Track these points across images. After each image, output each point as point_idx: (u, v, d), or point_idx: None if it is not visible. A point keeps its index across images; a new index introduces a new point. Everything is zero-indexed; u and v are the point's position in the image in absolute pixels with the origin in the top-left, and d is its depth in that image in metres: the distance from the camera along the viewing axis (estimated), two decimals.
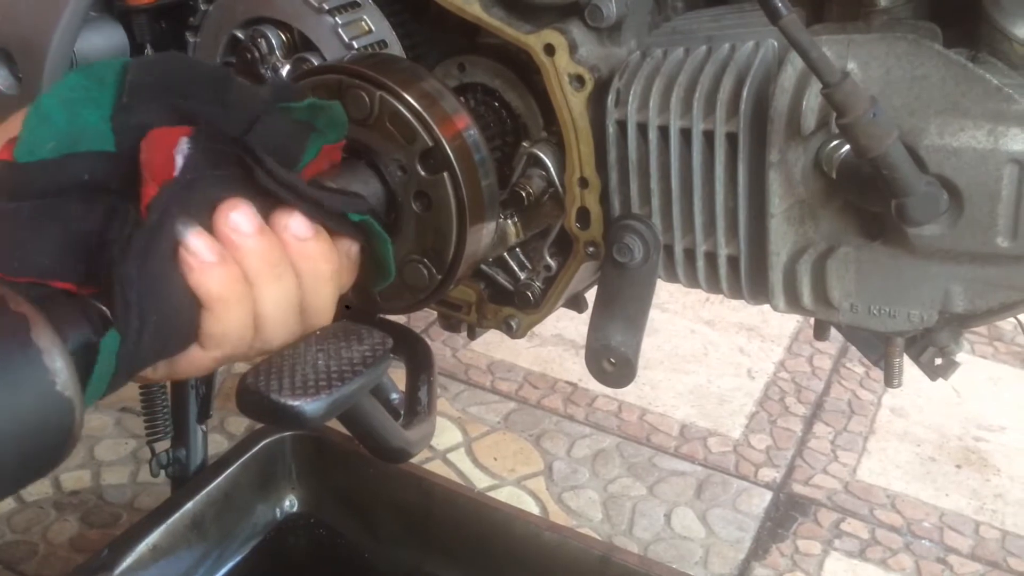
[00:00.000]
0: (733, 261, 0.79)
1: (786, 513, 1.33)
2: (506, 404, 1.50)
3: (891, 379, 0.81)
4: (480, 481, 1.36)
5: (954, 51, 0.70)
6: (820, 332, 0.87)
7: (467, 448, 1.42)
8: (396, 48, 0.87)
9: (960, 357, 1.66)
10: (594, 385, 1.51)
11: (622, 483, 1.37)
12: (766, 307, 0.81)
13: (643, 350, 1.62)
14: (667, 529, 1.30)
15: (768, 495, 1.36)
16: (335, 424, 0.70)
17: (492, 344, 1.60)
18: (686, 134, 0.76)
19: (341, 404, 0.64)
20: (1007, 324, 1.73)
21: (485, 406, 1.50)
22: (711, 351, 1.63)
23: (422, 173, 0.74)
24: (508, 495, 1.33)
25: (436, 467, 1.37)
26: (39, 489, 1.32)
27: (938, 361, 0.85)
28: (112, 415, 1.44)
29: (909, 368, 1.60)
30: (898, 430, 1.49)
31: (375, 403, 0.73)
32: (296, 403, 0.62)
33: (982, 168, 0.67)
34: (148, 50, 0.96)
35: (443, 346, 1.61)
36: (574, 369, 1.41)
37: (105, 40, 0.95)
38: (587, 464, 1.40)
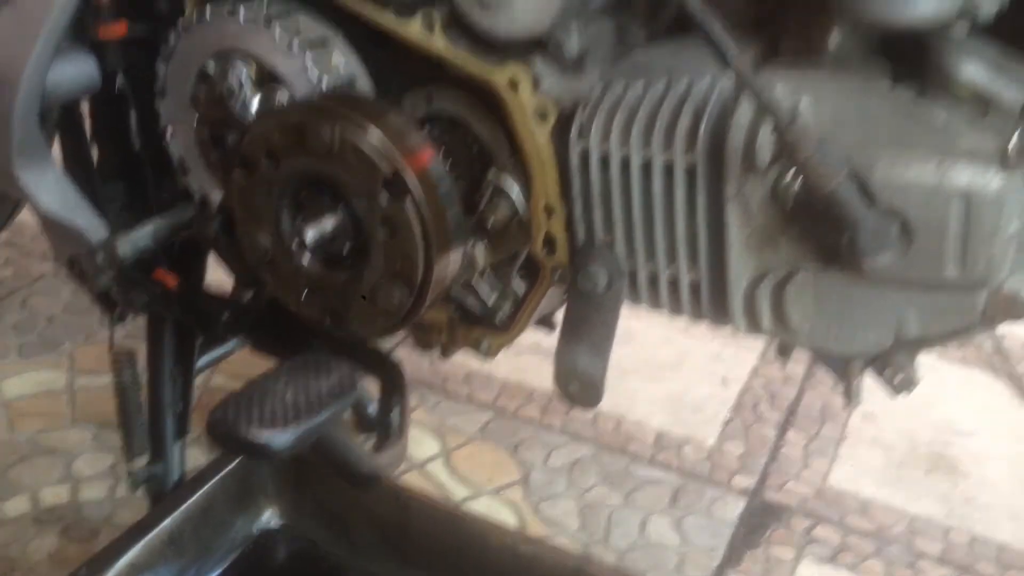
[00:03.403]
0: (695, 287, 0.81)
1: (760, 520, 1.35)
2: (483, 414, 1.52)
3: (851, 397, 0.83)
4: (458, 491, 1.38)
5: (902, 87, 0.72)
6: (783, 351, 0.89)
7: (445, 459, 1.44)
8: (364, 82, 0.88)
9: (929, 362, 1.69)
10: None
11: (598, 492, 1.39)
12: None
13: (619, 359, 1.64)
14: (642, 537, 1.32)
15: (742, 502, 1.38)
16: None
17: (469, 354, 1.62)
18: (647, 166, 0.78)
19: (308, 436, 0.66)
20: None
21: (463, 416, 1.51)
22: (686, 359, 1.65)
23: (385, 200, 0.76)
24: (486, 505, 1.35)
25: (414, 478, 1.39)
26: (17, 506, 1.33)
27: (899, 377, 0.87)
28: (90, 430, 1.45)
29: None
30: (869, 436, 1.51)
31: (344, 432, 0.75)
32: (264, 437, 0.64)
33: (930, 202, 0.70)
34: (119, 79, 0.97)
35: (420, 357, 1.62)
36: (550, 379, 1.43)
37: (76, 70, 0.96)
38: (564, 473, 1.41)
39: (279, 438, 0.65)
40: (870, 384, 1.60)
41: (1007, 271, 0.72)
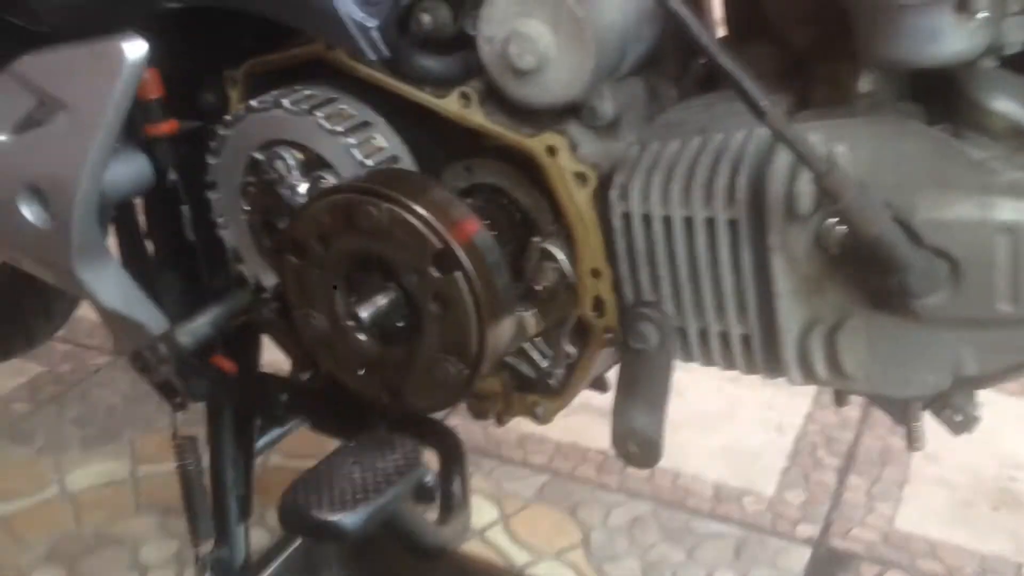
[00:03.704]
0: (746, 340, 0.81)
1: (827, 569, 1.33)
2: (539, 477, 1.52)
3: (913, 442, 0.83)
4: (519, 557, 1.38)
5: (937, 128, 0.73)
6: (840, 399, 0.89)
7: (503, 524, 1.44)
8: (407, 160, 0.91)
9: (987, 396, 1.67)
10: None
11: (661, 549, 1.38)
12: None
13: (670, 412, 1.63)
14: None
15: (807, 551, 1.36)
16: None
17: (521, 419, 1.62)
18: (688, 223, 0.79)
19: (379, 515, 0.67)
20: None
21: (519, 481, 1.51)
22: (738, 408, 1.64)
23: (436, 275, 0.78)
24: (547, 570, 1.35)
25: (474, 546, 1.39)
26: None
27: (959, 416, 0.86)
28: (155, 518, 1.47)
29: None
30: (932, 475, 1.49)
31: (411, 507, 0.76)
32: (336, 518, 0.65)
33: (975, 238, 0.70)
34: (171, 175, 1.01)
35: (472, 423, 1.63)
36: (604, 437, 1.43)
37: (130, 170, 1.00)
38: (624, 532, 1.41)
39: (350, 519, 0.66)
40: (930, 423, 1.58)
41: None
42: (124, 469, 1.58)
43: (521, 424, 1.62)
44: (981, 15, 0.67)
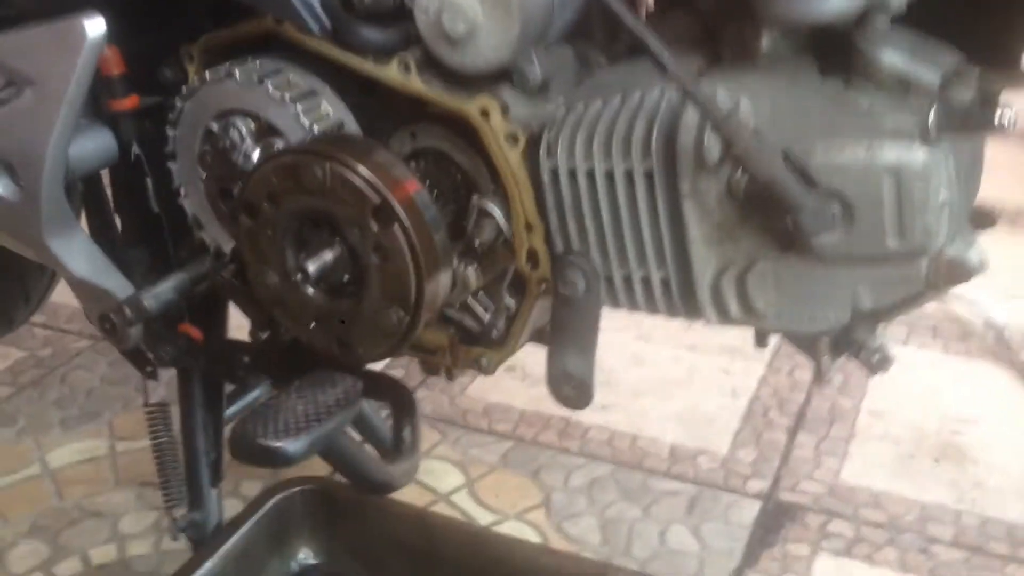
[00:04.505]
0: (665, 284, 0.87)
1: (775, 520, 1.40)
2: (504, 443, 1.58)
3: (819, 376, 0.89)
4: (483, 518, 1.44)
5: (830, 80, 0.79)
6: (759, 339, 0.95)
7: (469, 489, 1.49)
8: (353, 126, 0.97)
9: (934, 356, 1.74)
10: (587, 418, 1.60)
11: (618, 507, 1.44)
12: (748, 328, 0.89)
13: (631, 381, 1.70)
14: (662, 546, 1.37)
15: (757, 505, 1.43)
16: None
17: (488, 388, 1.69)
18: (610, 176, 0.85)
19: (319, 442, 0.73)
20: (978, 321, 1.81)
21: (484, 447, 1.58)
22: (696, 375, 1.71)
23: (375, 228, 0.84)
24: (510, 528, 1.40)
25: (441, 508, 1.45)
26: (69, 567, 1.40)
27: (876, 358, 0.92)
28: (133, 491, 1.52)
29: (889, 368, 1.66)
30: (878, 432, 1.56)
31: (356, 443, 0.82)
32: (280, 444, 0.71)
33: (864, 179, 0.76)
34: (134, 148, 1.06)
35: (440, 394, 1.69)
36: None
37: (95, 144, 1.05)
38: (584, 492, 1.47)
39: (293, 445, 0.72)
40: (878, 381, 1.65)
41: (944, 239, 0.78)
42: (103, 446, 1.63)
43: (487, 393, 1.69)
44: None
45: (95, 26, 0.94)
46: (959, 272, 0.79)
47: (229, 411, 1.28)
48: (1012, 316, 1.81)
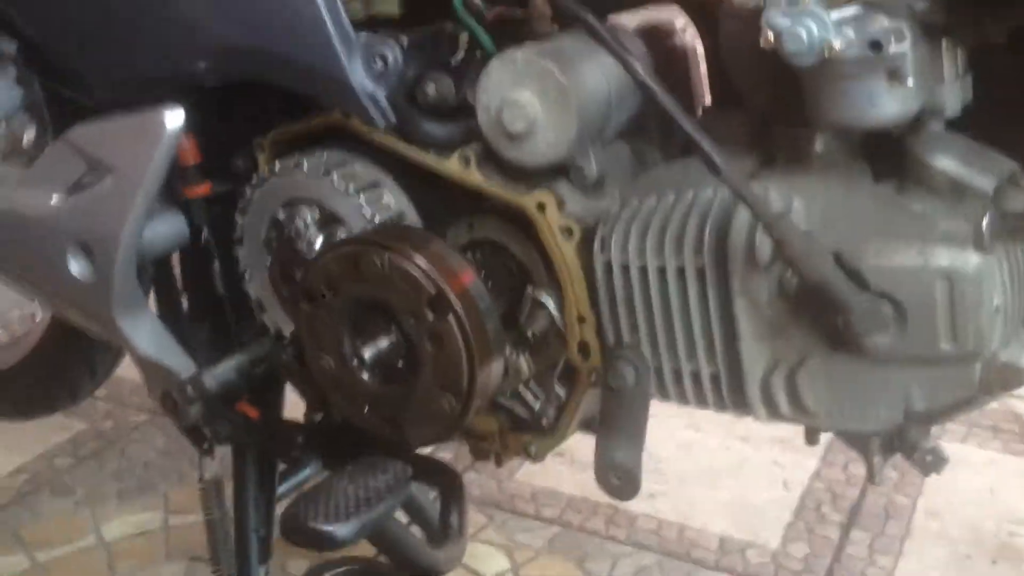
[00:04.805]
0: (715, 379, 0.88)
1: None
2: (550, 529, 1.57)
3: (872, 476, 0.88)
4: None
5: (883, 184, 0.81)
6: (810, 436, 0.95)
7: (514, 573, 1.49)
8: (412, 217, 1.00)
9: (993, 455, 1.71)
10: (635, 506, 1.59)
11: None
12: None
13: (679, 469, 1.68)
14: None
15: None
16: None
17: (536, 473, 1.69)
18: (662, 271, 0.87)
19: (368, 527, 0.75)
20: None
21: (530, 532, 1.57)
22: (746, 465, 1.69)
23: (430, 317, 0.87)
24: None
25: None
26: None
27: (929, 459, 0.92)
28: (182, 564, 1.54)
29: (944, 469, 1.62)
30: (934, 531, 1.52)
31: (402, 526, 0.83)
32: (330, 528, 0.73)
33: (916, 283, 0.77)
34: (204, 233, 1.11)
35: (489, 478, 1.69)
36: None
37: (168, 228, 1.10)
38: None
39: (342, 529, 0.73)
40: (935, 479, 1.61)
41: (998, 343, 0.78)
42: (157, 519, 1.66)
43: (535, 478, 1.69)
44: (911, 83, 0.75)
45: (175, 118, 0.99)
46: (1013, 377, 0.79)
47: (281, 489, 1.30)
48: None
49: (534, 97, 0.89)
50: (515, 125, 0.90)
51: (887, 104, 0.77)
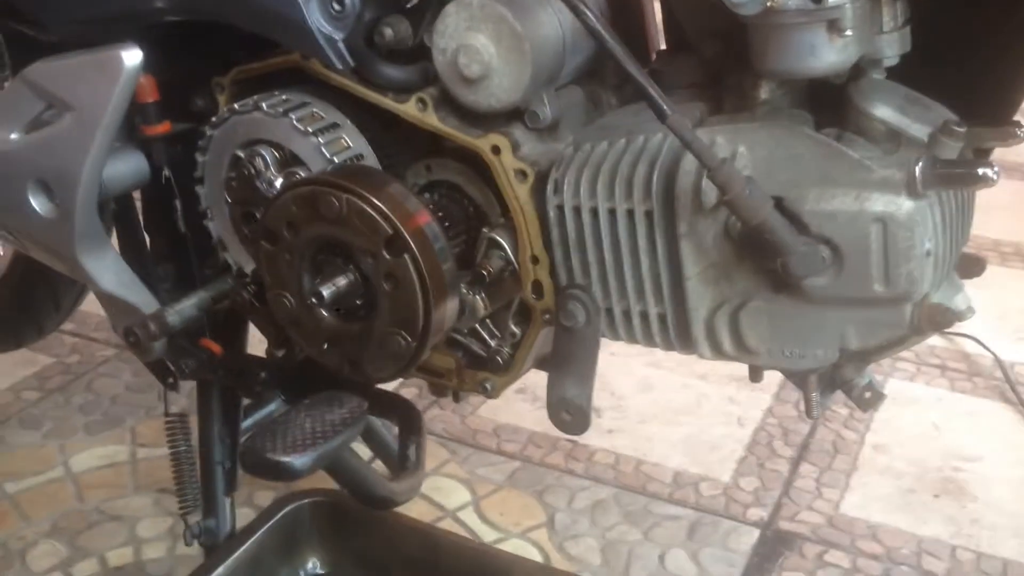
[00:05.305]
0: (662, 319, 0.91)
1: (773, 548, 1.43)
2: (511, 463, 1.62)
3: (810, 411, 0.92)
4: (487, 535, 1.47)
5: (824, 131, 0.83)
6: (754, 374, 0.99)
7: (475, 506, 1.53)
8: (372, 158, 1.02)
9: (940, 392, 1.76)
10: (593, 441, 1.64)
11: (619, 530, 1.47)
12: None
13: (639, 406, 1.73)
14: (661, 569, 1.40)
15: (756, 532, 1.46)
16: None
17: (498, 410, 1.73)
18: (612, 213, 0.90)
19: (324, 458, 0.78)
20: (985, 360, 1.83)
21: (492, 467, 1.61)
22: (703, 403, 1.74)
23: (387, 257, 0.89)
24: (513, 546, 1.44)
25: (447, 524, 1.48)
26: (86, 568, 1.44)
27: (867, 395, 0.96)
28: (151, 497, 1.57)
29: (890, 406, 1.68)
30: (880, 465, 1.58)
31: (360, 459, 0.86)
32: (287, 459, 0.76)
33: (853, 227, 0.80)
34: (165, 172, 1.12)
35: (452, 414, 1.73)
36: None
37: (128, 167, 1.11)
38: (586, 514, 1.50)
39: (299, 460, 0.76)
40: (883, 416, 1.67)
41: (928, 286, 0.81)
42: (124, 452, 1.68)
43: (497, 414, 1.73)
44: (849, 33, 0.78)
45: (132, 57, 1.00)
46: (943, 318, 0.82)
47: (245, 423, 1.33)
48: (1021, 356, 1.84)
49: (489, 42, 0.90)
50: (470, 69, 0.91)
51: (827, 53, 0.79)
